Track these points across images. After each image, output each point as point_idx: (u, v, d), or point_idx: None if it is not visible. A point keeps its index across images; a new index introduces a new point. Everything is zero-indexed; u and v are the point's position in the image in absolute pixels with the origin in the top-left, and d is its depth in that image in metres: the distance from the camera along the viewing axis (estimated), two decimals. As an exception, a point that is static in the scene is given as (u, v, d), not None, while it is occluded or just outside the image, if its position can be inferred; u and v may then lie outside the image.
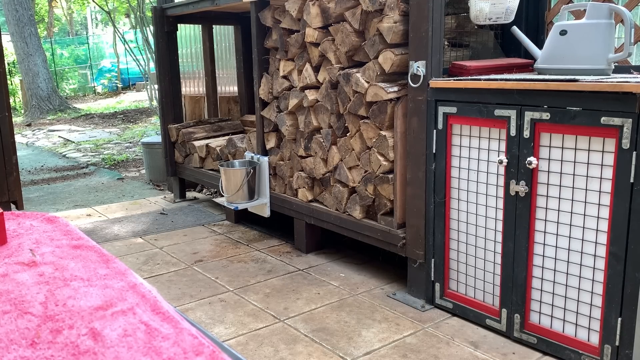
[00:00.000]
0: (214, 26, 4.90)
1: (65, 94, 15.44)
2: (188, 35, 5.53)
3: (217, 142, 4.25)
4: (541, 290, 2.22)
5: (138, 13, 7.52)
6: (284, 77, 3.33)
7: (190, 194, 4.93)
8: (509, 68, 2.68)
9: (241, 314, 2.63)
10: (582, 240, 2.06)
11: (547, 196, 2.14)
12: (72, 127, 10.27)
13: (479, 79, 2.32)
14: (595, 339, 2.07)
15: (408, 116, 2.59)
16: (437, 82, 2.44)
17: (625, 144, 1.87)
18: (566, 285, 2.14)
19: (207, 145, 4.25)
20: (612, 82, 1.90)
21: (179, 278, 3.08)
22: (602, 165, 1.97)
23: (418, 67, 2.48)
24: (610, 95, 1.89)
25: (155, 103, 8.37)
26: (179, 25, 4.63)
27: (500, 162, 2.25)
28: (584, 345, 2.10)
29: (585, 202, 2.03)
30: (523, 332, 2.29)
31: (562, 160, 2.08)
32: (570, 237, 2.10)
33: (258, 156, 3.63)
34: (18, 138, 8.92)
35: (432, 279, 2.64)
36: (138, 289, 1.09)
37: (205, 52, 4.91)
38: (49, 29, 19.59)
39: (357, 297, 2.79)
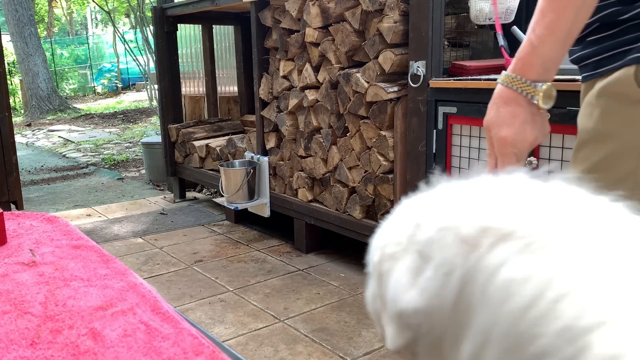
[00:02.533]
0: (214, 26, 4.90)
1: (65, 94, 15.45)
2: (188, 35, 5.52)
3: (217, 142, 4.25)
4: (541, 290, 2.22)
5: (138, 13, 7.52)
6: (284, 77, 3.33)
7: (190, 194, 4.92)
8: (509, 68, 2.68)
9: (241, 314, 2.63)
10: (582, 240, 2.06)
11: (547, 196, 2.14)
12: (72, 127, 10.28)
13: (479, 79, 2.32)
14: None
15: (408, 116, 2.59)
16: (437, 82, 2.44)
17: (626, 144, 1.87)
18: (566, 285, 2.14)
19: (207, 145, 4.25)
20: (612, 82, 1.90)
21: (179, 278, 3.08)
22: (602, 165, 1.97)
23: (418, 67, 2.48)
24: (610, 95, 1.89)
25: (155, 103, 8.36)
26: (179, 25, 4.63)
27: (500, 162, 2.24)
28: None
29: (586, 202, 2.03)
30: (523, 332, 2.29)
31: (562, 160, 2.08)
32: (570, 237, 2.10)
33: (258, 156, 3.63)
34: (18, 138, 8.92)
35: (432, 279, 2.64)
36: (138, 289, 1.09)
37: (205, 52, 4.90)
38: (49, 29, 19.59)
39: (357, 297, 2.79)
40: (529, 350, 0.43)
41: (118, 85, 16.55)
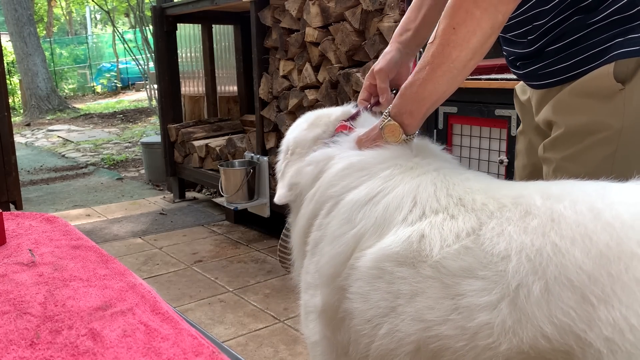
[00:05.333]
0: (213, 26, 4.89)
1: (65, 93, 15.43)
2: (188, 34, 5.52)
3: (217, 142, 4.24)
4: (542, 291, 2.22)
5: (137, 12, 7.52)
6: (284, 76, 3.33)
7: (189, 194, 4.92)
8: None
9: (241, 315, 2.62)
10: (583, 240, 2.06)
11: (547, 196, 2.14)
12: (71, 127, 10.27)
13: (480, 79, 2.32)
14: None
15: (408, 116, 2.59)
16: (437, 82, 2.43)
17: (626, 144, 1.86)
18: (567, 286, 2.13)
19: (206, 145, 4.24)
20: (613, 81, 1.89)
21: (179, 278, 3.07)
22: (603, 165, 1.96)
23: (418, 66, 2.47)
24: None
25: (154, 103, 8.36)
26: (178, 24, 4.62)
27: (501, 162, 2.24)
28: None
29: (586, 202, 2.03)
30: (523, 333, 2.28)
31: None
32: (570, 237, 2.09)
33: (258, 156, 3.62)
34: (17, 138, 8.90)
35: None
36: (137, 290, 1.09)
37: (205, 51, 4.90)
38: (48, 28, 19.58)
39: (357, 297, 2.79)
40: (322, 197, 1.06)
41: (117, 85, 16.52)
